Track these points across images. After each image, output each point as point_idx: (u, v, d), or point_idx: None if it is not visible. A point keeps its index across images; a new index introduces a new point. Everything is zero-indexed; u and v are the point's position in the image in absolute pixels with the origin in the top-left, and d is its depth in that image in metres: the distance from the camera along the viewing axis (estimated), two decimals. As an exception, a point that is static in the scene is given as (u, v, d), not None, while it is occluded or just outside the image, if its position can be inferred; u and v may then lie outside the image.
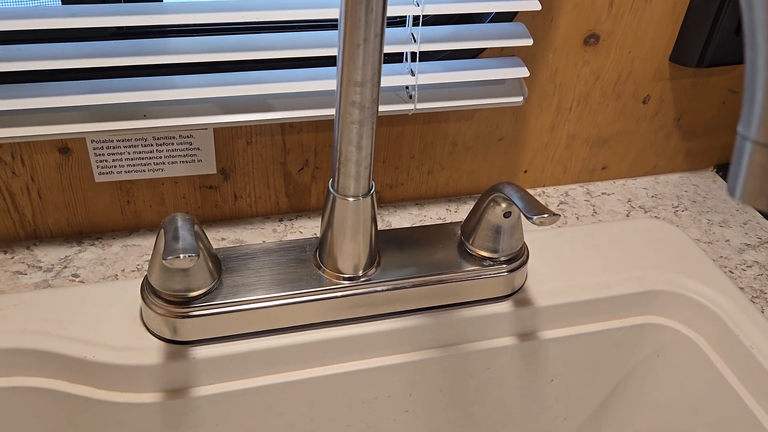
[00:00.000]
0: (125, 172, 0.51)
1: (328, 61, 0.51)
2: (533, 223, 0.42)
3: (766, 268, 0.57)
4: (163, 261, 0.38)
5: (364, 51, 0.37)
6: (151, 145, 0.51)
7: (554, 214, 0.42)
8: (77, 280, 0.51)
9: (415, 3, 0.46)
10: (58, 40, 0.44)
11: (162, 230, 0.41)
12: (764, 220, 0.63)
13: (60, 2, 0.46)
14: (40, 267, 0.51)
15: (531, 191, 0.64)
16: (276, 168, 0.55)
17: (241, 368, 0.46)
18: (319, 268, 0.47)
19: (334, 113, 0.50)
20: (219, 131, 0.52)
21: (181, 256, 0.37)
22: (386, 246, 0.50)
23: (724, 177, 0.68)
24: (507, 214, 0.47)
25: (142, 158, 0.51)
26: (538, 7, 0.48)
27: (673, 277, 0.54)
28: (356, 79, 0.38)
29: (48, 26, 0.40)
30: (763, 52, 0.19)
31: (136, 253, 0.53)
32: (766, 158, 0.20)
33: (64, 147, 0.49)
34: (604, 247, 0.56)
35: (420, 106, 0.50)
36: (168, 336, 0.45)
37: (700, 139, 0.66)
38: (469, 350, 0.51)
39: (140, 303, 0.46)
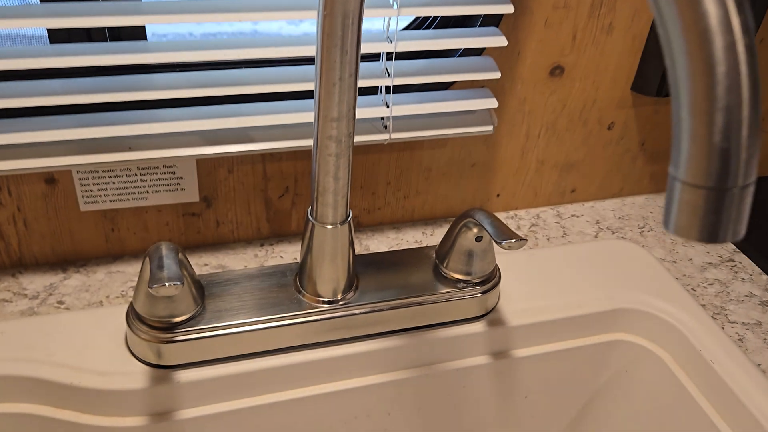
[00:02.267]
0: (110, 201, 0.53)
1: (306, 95, 0.53)
2: (502, 247, 0.45)
3: (726, 285, 0.60)
4: (149, 289, 0.39)
5: (339, 89, 0.39)
6: (136, 174, 0.52)
7: (522, 239, 0.44)
8: (62, 307, 0.52)
9: (387, 40, 0.48)
10: (46, 77, 0.46)
11: (147, 258, 0.43)
12: (725, 239, 0.66)
13: (48, 40, 0.48)
14: (26, 294, 0.53)
15: (503, 215, 0.66)
16: (257, 195, 0.57)
17: (224, 391, 0.48)
18: (300, 292, 0.49)
19: (312, 144, 0.52)
20: (201, 161, 0.54)
21: (166, 284, 0.39)
22: (364, 270, 0.52)
23: (688, 198, 0.71)
24: (479, 239, 0.50)
25: (127, 188, 0.53)
26: (504, 43, 0.51)
27: (640, 295, 0.57)
28: (332, 115, 0.40)
29: (37, 66, 0.42)
30: (686, 107, 0.21)
31: (121, 279, 0.55)
32: (691, 196, 0.22)
33: (50, 178, 0.51)
34: (573, 268, 0.58)
35: (395, 136, 0.52)
36: (152, 361, 0.46)
37: (664, 162, 0.69)
38: (446, 369, 0.53)
39: (125, 329, 0.47)
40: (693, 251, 0.64)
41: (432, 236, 0.63)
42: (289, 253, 0.59)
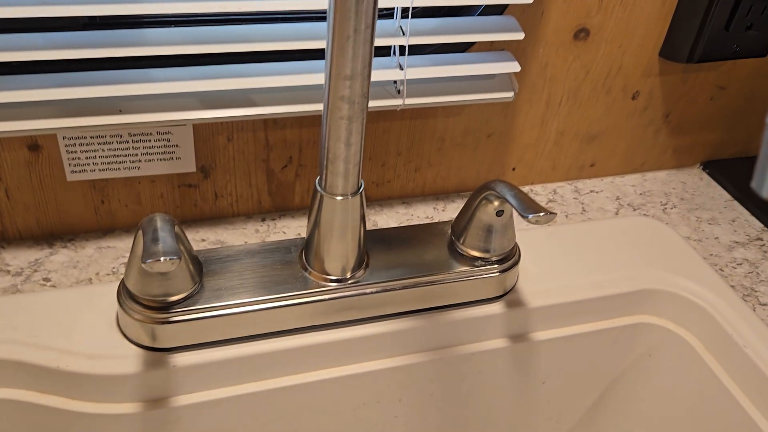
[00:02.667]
0: (99, 170, 0.49)
1: (314, 54, 0.49)
2: (529, 222, 0.41)
3: (756, 265, 0.57)
4: (143, 264, 0.35)
5: (354, 43, 0.35)
6: (127, 141, 0.48)
7: (550, 213, 0.41)
8: (48, 284, 0.48)
9: (404, -6, 0.44)
10: (27, 31, 0.41)
11: (140, 231, 0.39)
12: (752, 217, 0.63)
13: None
14: (9, 271, 0.49)
15: (519, 189, 0.63)
16: (258, 165, 0.53)
17: (223, 376, 0.44)
18: (306, 269, 0.45)
19: (319, 108, 0.48)
20: (198, 127, 0.49)
21: (162, 259, 0.35)
22: (375, 246, 0.48)
23: (711, 174, 0.67)
24: (499, 213, 0.46)
25: (117, 156, 0.49)
26: (530, 0, 0.47)
27: (666, 275, 0.53)
28: (346, 72, 0.36)
29: (15, 15, 0.37)
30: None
31: (112, 255, 0.51)
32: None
33: (34, 144, 0.47)
34: (594, 246, 0.55)
35: (409, 101, 0.48)
36: (146, 343, 0.43)
37: (688, 135, 0.65)
38: (461, 353, 0.49)
39: (116, 308, 0.44)
40: (720, 229, 0.60)
41: (444, 212, 0.59)
42: (292, 229, 0.55)
